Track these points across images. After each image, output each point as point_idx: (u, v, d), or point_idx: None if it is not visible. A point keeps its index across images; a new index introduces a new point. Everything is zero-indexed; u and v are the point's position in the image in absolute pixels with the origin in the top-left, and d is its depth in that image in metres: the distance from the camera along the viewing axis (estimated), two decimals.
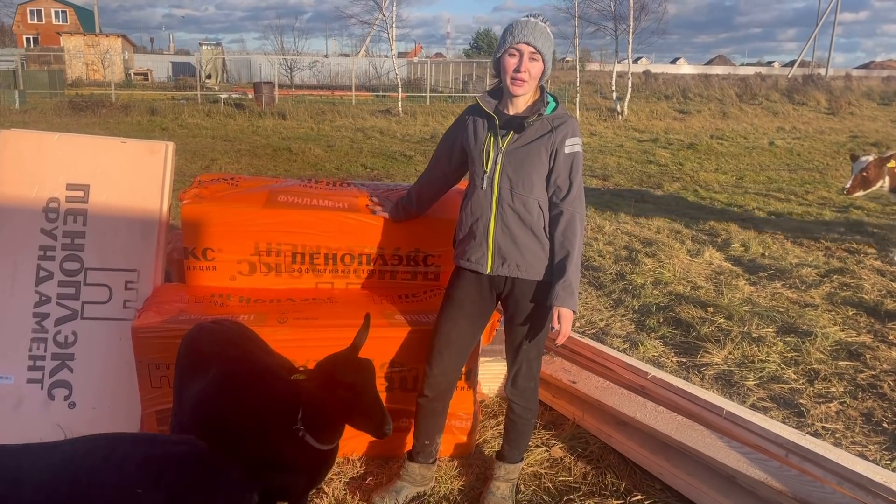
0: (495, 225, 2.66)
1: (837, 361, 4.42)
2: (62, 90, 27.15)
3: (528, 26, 2.55)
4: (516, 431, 2.93)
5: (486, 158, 2.66)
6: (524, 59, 2.55)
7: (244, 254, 3.35)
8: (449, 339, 2.79)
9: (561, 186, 2.62)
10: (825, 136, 19.57)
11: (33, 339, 3.23)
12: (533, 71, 2.57)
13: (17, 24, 56.90)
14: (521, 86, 2.58)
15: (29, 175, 3.31)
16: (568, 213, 2.61)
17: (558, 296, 2.58)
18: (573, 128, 2.64)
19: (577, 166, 2.62)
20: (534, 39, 2.54)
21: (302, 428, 2.12)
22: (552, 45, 2.61)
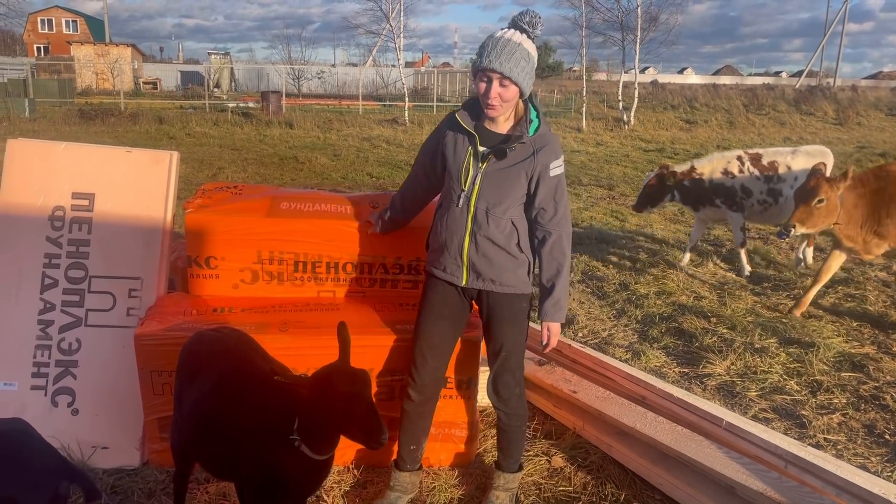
0: (470, 243, 2.65)
1: (840, 373, 4.40)
2: (72, 99, 27.35)
3: (497, 49, 2.42)
4: (507, 439, 2.94)
5: (464, 177, 2.62)
6: (493, 86, 2.46)
7: (247, 262, 3.37)
8: (431, 342, 2.81)
9: (547, 209, 2.62)
10: (832, 147, 19.39)
11: (37, 346, 3.26)
12: (505, 95, 2.49)
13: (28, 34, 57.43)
14: (493, 109, 2.52)
15: (35, 183, 3.35)
16: (556, 234, 2.64)
17: (548, 313, 2.67)
18: (556, 149, 2.61)
19: (561, 188, 2.64)
20: (501, 65, 2.41)
21: (297, 438, 2.13)
22: (530, 62, 2.48)
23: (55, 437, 3.02)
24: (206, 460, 2.42)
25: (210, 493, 2.97)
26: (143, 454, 3.21)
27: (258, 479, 2.23)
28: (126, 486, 3.02)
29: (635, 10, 24.95)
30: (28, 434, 1.98)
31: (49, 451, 1.97)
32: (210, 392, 2.32)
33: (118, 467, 3.16)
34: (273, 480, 2.20)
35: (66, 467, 1.96)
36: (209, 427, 2.31)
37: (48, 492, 1.88)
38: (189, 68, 48.62)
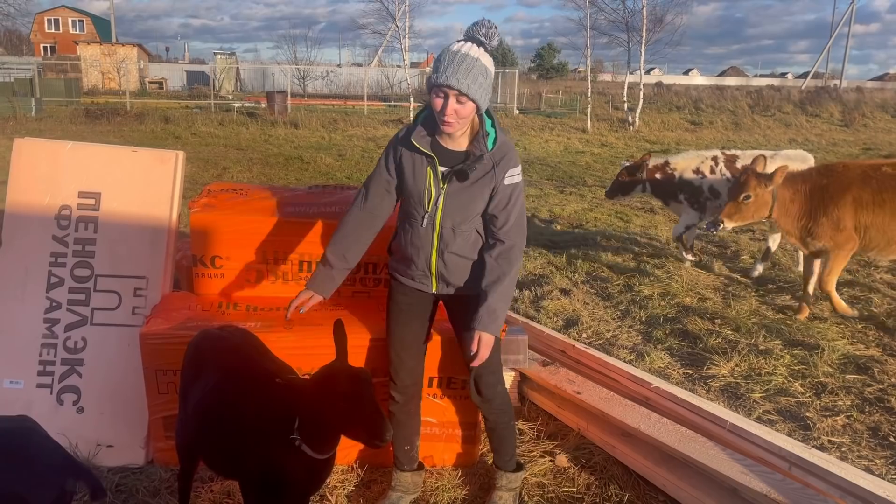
0: (437, 258, 2.64)
1: (845, 375, 4.39)
2: (78, 98, 27.43)
3: (454, 64, 2.33)
4: (498, 438, 2.95)
5: (427, 199, 2.56)
6: (449, 102, 2.38)
7: (252, 262, 3.39)
8: (405, 342, 2.82)
9: (498, 217, 2.57)
10: (838, 148, 19.48)
11: (43, 345, 3.27)
12: (462, 112, 2.40)
13: (35, 33, 57.65)
14: (449, 126, 2.44)
15: (42, 183, 3.37)
16: (507, 243, 2.59)
17: (481, 320, 2.55)
18: (513, 158, 2.56)
19: (515, 196, 2.57)
20: (458, 82, 2.32)
21: (298, 438, 2.14)
22: (488, 78, 2.40)
23: (61, 435, 3.04)
24: (209, 458, 2.43)
25: (214, 492, 2.98)
26: (147, 453, 3.22)
27: (259, 478, 2.24)
28: (131, 485, 3.03)
29: (640, 10, 24.94)
30: (35, 432, 2.00)
31: (56, 448, 1.98)
32: (213, 391, 2.33)
33: (123, 465, 3.17)
34: (274, 479, 2.21)
35: (73, 465, 1.97)
36: (212, 426, 2.32)
37: (54, 489, 1.89)
38: (195, 68, 48.74)
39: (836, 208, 5.10)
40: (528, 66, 65.76)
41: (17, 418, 2.06)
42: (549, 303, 5.67)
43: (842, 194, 5.11)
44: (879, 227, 5.12)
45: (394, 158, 2.63)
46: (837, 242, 5.16)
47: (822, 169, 5.41)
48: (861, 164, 5.40)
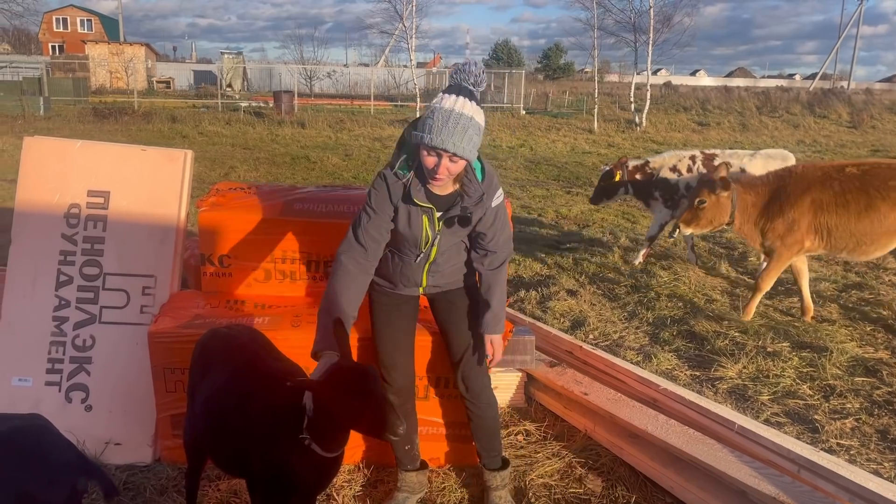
0: (427, 278, 2.73)
1: (854, 377, 4.37)
2: (86, 97, 27.56)
3: (448, 126, 2.26)
4: (487, 434, 2.95)
5: (423, 243, 2.60)
6: (443, 162, 2.34)
7: (260, 261, 3.39)
8: (396, 340, 2.84)
9: (486, 233, 2.64)
10: (846, 150, 19.40)
11: (52, 343, 3.29)
12: (454, 170, 2.38)
13: (44, 32, 57.89)
14: (440, 181, 2.43)
15: (51, 181, 3.38)
16: (498, 253, 2.70)
17: (489, 325, 2.73)
18: (496, 181, 2.60)
19: (501, 214, 2.65)
20: (453, 146, 2.28)
21: (307, 437, 2.14)
22: (479, 134, 2.34)
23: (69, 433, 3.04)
24: (217, 457, 2.43)
25: (222, 491, 2.99)
26: (155, 451, 3.23)
27: (267, 477, 2.24)
28: (138, 483, 3.04)
29: (648, 11, 24.89)
30: (46, 430, 2.00)
31: (67, 447, 1.99)
32: (221, 389, 2.34)
33: (131, 463, 3.18)
34: (282, 478, 2.21)
35: (84, 463, 1.98)
36: (220, 424, 2.32)
37: (66, 488, 1.90)
38: (202, 68, 48.89)
39: (793, 210, 5.08)
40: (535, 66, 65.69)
41: (29, 416, 2.07)
42: (556, 303, 5.66)
43: (800, 196, 5.09)
44: (845, 228, 5.08)
45: (390, 209, 2.54)
46: (785, 243, 5.15)
47: (783, 171, 5.39)
48: (823, 166, 5.38)
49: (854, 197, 5.03)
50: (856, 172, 5.12)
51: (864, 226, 5.04)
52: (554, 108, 32.46)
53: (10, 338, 3.28)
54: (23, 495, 1.83)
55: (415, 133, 2.36)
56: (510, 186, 12.33)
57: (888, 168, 5.18)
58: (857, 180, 5.07)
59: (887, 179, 5.05)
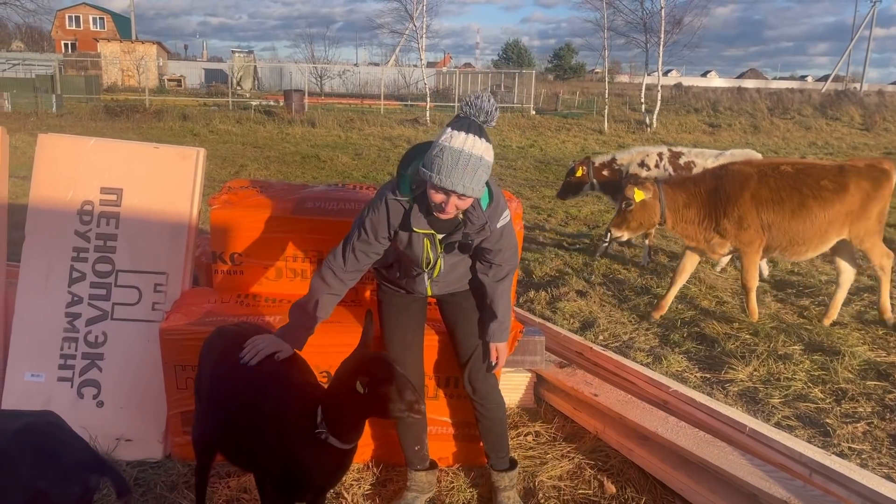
0: (433, 287, 2.75)
1: (866, 381, 4.34)
2: (98, 95, 27.74)
3: (458, 168, 2.21)
4: (495, 433, 2.94)
5: (424, 263, 2.59)
6: (451, 200, 2.29)
7: (271, 259, 3.40)
8: (405, 340, 2.85)
9: (492, 249, 2.63)
10: (858, 152, 19.27)
11: (65, 339, 3.30)
12: (462, 206, 2.34)
13: (56, 30, 58.27)
14: (447, 215, 2.38)
15: (64, 178, 3.40)
16: (504, 267, 2.70)
17: (494, 334, 2.75)
18: (502, 204, 2.55)
19: (507, 232, 2.63)
20: (464, 187, 2.23)
21: (324, 430, 2.14)
22: (488, 171, 2.29)
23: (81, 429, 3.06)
24: (229, 453, 2.44)
25: (231, 488, 3.00)
26: (165, 447, 3.24)
27: (280, 473, 2.25)
28: (149, 479, 3.06)
29: (659, 12, 24.81)
30: (59, 427, 2.01)
31: (80, 444, 2.00)
32: (231, 387, 2.34)
33: (141, 460, 3.20)
34: (296, 473, 2.22)
35: (97, 461, 1.99)
36: (230, 421, 2.33)
37: (79, 485, 1.91)
38: (213, 66, 49.05)
39: (736, 207, 5.06)
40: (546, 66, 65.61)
41: (42, 413, 2.08)
42: (566, 304, 5.65)
43: (739, 192, 5.07)
44: (780, 226, 5.07)
45: (388, 233, 2.52)
46: (744, 241, 5.13)
47: (717, 170, 5.37)
48: (759, 163, 5.38)
49: (788, 195, 5.03)
50: (790, 171, 5.12)
51: (797, 224, 5.04)
52: (564, 109, 32.41)
53: (23, 333, 3.30)
54: (36, 492, 1.84)
55: (422, 170, 2.28)
56: (519, 187, 12.31)
57: (822, 168, 5.18)
58: (791, 179, 5.07)
59: (820, 179, 5.04)
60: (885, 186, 5.11)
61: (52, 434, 1.97)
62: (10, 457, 1.85)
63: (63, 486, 1.89)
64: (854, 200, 5.03)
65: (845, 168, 5.14)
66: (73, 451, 1.97)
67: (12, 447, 1.87)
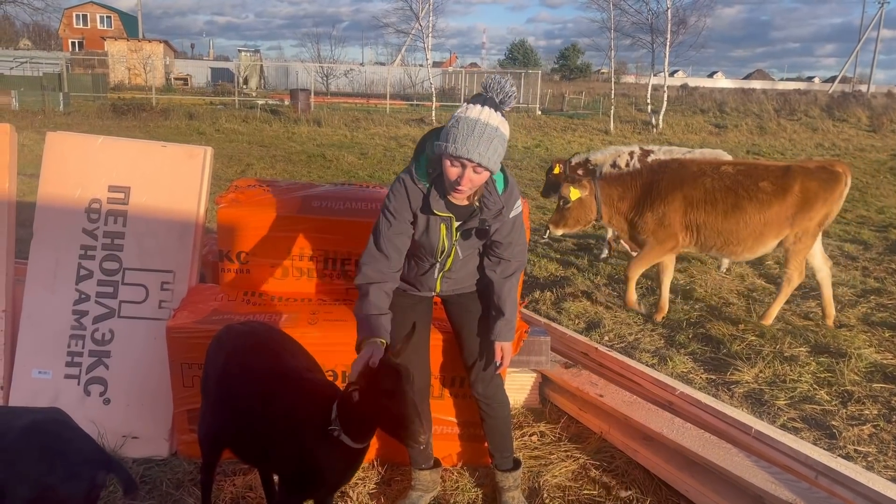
0: (442, 282, 2.77)
1: (872, 383, 4.33)
2: (105, 94, 27.82)
3: (474, 135, 2.22)
4: (500, 433, 2.95)
5: (439, 252, 2.61)
6: (466, 173, 2.30)
7: (277, 258, 3.41)
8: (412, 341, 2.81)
9: (503, 242, 2.64)
10: (865, 154, 19.19)
11: (72, 336, 3.32)
12: (477, 181, 2.34)
13: (64, 29, 58.45)
14: (462, 194, 2.40)
15: (73, 176, 3.41)
16: (513, 262, 2.69)
17: (500, 332, 2.72)
18: (517, 193, 2.60)
19: (518, 224, 2.66)
20: (480, 155, 2.23)
21: (337, 428, 2.15)
22: (504, 144, 2.30)
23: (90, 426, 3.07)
24: (238, 449, 2.45)
25: (237, 486, 3.01)
26: (171, 445, 3.26)
27: (293, 470, 2.25)
28: (155, 476, 3.07)
29: (665, 12, 24.77)
30: (67, 424, 2.02)
31: (87, 441, 2.01)
32: (240, 386, 2.35)
33: (147, 457, 3.21)
34: (308, 470, 2.22)
35: (104, 458, 2.00)
36: (242, 419, 2.33)
37: (85, 481, 1.92)
38: (219, 65, 49.16)
39: (664, 204, 5.07)
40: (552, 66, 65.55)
41: (49, 410, 2.09)
42: (571, 304, 5.65)
43: (672, 191, 5.08)
44: (712, 226, 5.06)
45: (408, 215, 2.53)
46: (657, 238, 5.15)
47: (657, 166, 5.37)
48: (699, 162, 5.38)
49: (722, 196, 5.02)
50: (730, 171, 5.12)
51: (730, 225, 5.03)
52: (570, 109, 32.37)
53: (30, 330, 3.32)
54: (43, 488, 1.85)
55: (437, 143, 2.31)
56: (525, 187, 12.31)
57: (765, 169, 5.16)
58: (728, 179, 5.06)
59: (758, 180, 5.03)
60: (833, 189, 5.03)
61: (59, 431, 1.99)
62: (17, 453, 1.87)
63: (70, 482, 1.90)
64: (797, 202, 4.99)
65: (792, 169, 5.10)
66: (80, 448, 1.98)
67: (20, 444, 1.89)
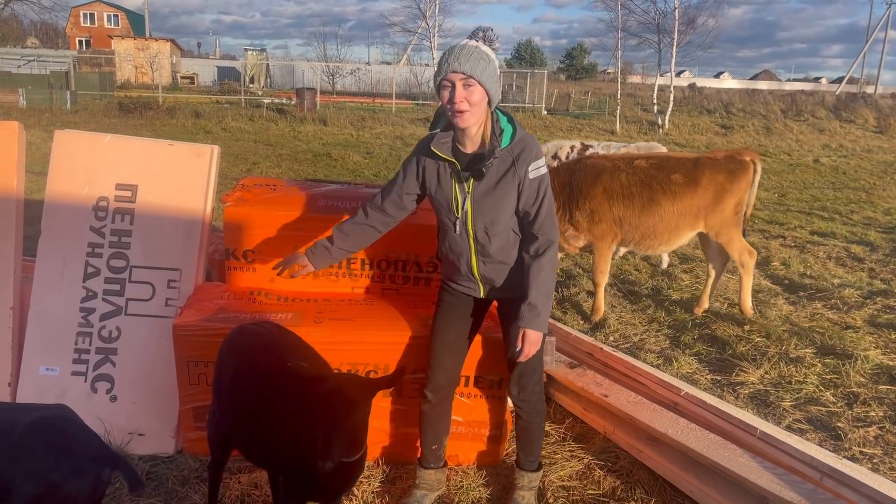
0: (478, 262, 2.68)
1: (878, 385, 4.32)
2: (111, 92, 27.88)
3: (454, 52, 2.39)
4: (529, 437, 2.94)
5: (454, 205, 2.60)
6: (457, 88, 2.39)
7: (283, 257, 3.41)
8: (447, 340, 2.83)
9: (529, 212, 2.57)
10: (872, 155, 19.13)
11: (79, 333, 3.33)
12: (472, 98, 2.40)
13: (71, 27, 58.64)
14: (462, 117, 2.43)
15: (80, 174, 3.43)
16: (542, 238, 2.58)
17: (523, 317, 2.55)
18: (535, 150, 2.55)
19: (543, 189, 2.56)
20: (460, 65, 2.36)
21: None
22: (491, 65, 2.42)
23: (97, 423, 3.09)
24: (243, 450, 2.46)
25: (242, 483, 3.02)
26: (177, 442, 3.27)
27: (292, 474, 2.26)
28: (161, 473, 3.08)
29: (672, 12, 24.72)
30: (72, 421, 2.03)
31: (92, 437, 2.02)
32: (249, 386, 2.36)
33: (153, 454, 3.22)
34: (306, 476, 2.23)
35: (109, 454, 2.01)
36: (247, 420, 2.34)
37: (91, 478, 1.93)
38: (225, 64, 49.24)
39: (588, 200, 5.07)
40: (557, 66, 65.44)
41: (55, 407, 2.11)
42: (576, 304, 5.64)
43: (591, 186, 5.07)
44: (630, 220, 5.07)
45: (417, 170, 2.67)
46: (596, 234, 5.14)
47: (573, 163, 5.37)
48: (612, 157, 5.38)
49: (638, 190, 5.04)
50: (644, 165, 5.12)
51: (647, 219, 5.05)
52: (576, 109, 32.31)
53: (38, 328, 3.33)
54: (49, 485, 1.86)
55: (434, 80, 2.48)
56: None
57: (676, 161, 5.17)
58: (643, 173, 5.08)
59: (670, 173, 5.04)
60: (740, 178, 5.09)
61: (65, 428, 2.00)
62: (23, 449, 1.88)
63: (75, 479, 1.91)
64: (707, 194, 5.02)
65: (700, 161, 5.13)
66: (86, 444, 1.99)
67: (26, 440, 1.90)
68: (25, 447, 1.89)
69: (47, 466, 1.88)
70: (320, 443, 2.07)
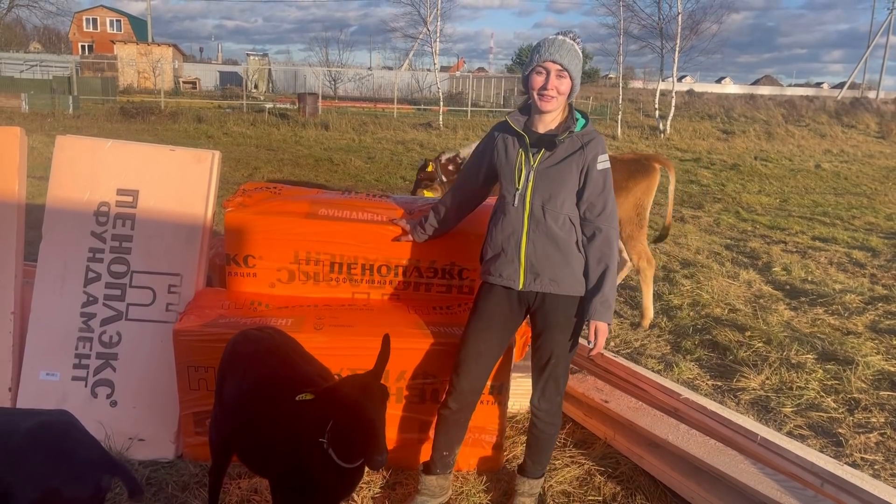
0: (527, 241, 2.68)
1: (879, 391, 4.31)
2: (114, 97, 27.94)
3: (555, 44, 2.58)
4: (540, 446, 2.93)
5: (517, 176, 2.69)
6: (551, 76, 2.58)
7: (284, 262, 3.42)
8: (477, 350, 2.81)
9: (595, 203, 2.66)
10: (874, 161, 19.13)
11: (80, 338, 3.34)
12: (561, 88, 2.60)
13: (74, 32, 58.80)
14: (549, 101, 2.61)
15: (82, 179, 3.43)
16: (605, 230, 2.66)
17: (597, 311, 2.65)
18: (602, 145, 2.70)
19: (608, 183, 2.68)
20: (560, 57, 2.56)
21: (325, 441, 2.13)
22: (580, 63, 2.63)
23: (99, 426, 3.09)
24: (244, 456, 2.46)
25: (242, 489, 3.02)
26: (177, 447, 3.27)
27: (289, 480, 2.25)
28: (161, 478, 3.08)
29: (676, 17, 24.74)
30: (73, 426, 2.03)
31: (93, 443, 2.02)
32: (250, 391, 2.36)
33: (153, 459, 3.22)
34: (303, 483, 2.22)
35: (109, 460, 2.01)
36: (248, 425, 2.34)
37: (90, 484, 1.93)
38: (228, 69, 49.37)
39: None
40: None
41: (56, 412, 2.11)
42: None
43: None
44: None
45: (489, 143, 2.87)
46: None
47: None
48: None
49: None
50: None
51: None
52: None
53: (38, 332, 3.34)
54: (48, 490, 1.86)
55: (524, 67, 2.66)
56: None
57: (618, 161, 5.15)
58: None
59: None
60: (638, 179, 5.13)
61: (65, 433, 2.00)
62: (23, 455, 1.88)
63: (75, 484, 1.91)
64: None
65: None
66: (86, 450, 1.99)
67: (26, 445, 1.90)
68: (26, 452, 1.89)
69: (47, 472, 1.88)
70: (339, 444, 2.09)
